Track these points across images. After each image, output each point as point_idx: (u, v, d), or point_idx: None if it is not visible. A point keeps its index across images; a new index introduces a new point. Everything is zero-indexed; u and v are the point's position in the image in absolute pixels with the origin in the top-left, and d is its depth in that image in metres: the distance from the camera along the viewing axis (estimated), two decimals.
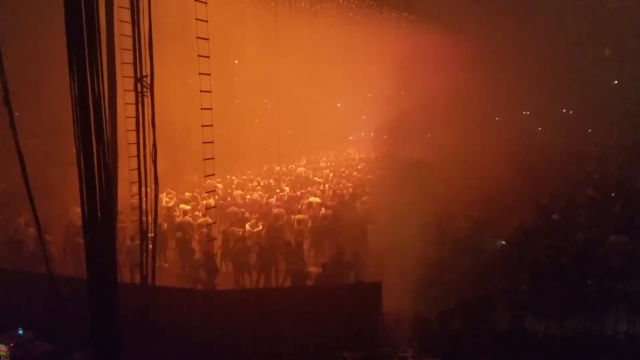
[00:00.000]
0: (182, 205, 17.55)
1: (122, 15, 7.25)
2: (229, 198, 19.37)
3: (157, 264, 8.30)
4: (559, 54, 36.24)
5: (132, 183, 7.78)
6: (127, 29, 6.83)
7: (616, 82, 40.07)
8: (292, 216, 16.64)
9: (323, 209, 16.98)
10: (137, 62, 6.73)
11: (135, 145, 6.96)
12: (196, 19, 10.26)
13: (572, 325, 9.83)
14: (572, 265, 10.69)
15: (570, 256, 11.22)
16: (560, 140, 33.30)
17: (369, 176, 24.62)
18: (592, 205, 15.66)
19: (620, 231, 12.00)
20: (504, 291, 10.49)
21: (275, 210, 17.22)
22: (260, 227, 15.33)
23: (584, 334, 9.58)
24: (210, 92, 10.60)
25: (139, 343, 7.18)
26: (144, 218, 7.33)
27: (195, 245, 14.57)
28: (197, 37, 10.38)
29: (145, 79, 6.76)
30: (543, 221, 14.42)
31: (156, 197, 7.19)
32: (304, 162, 32.26)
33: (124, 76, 7.68)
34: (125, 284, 9.47)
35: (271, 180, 24.02)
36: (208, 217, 15.42)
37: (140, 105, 6.79)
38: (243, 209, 17.26)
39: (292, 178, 25.22)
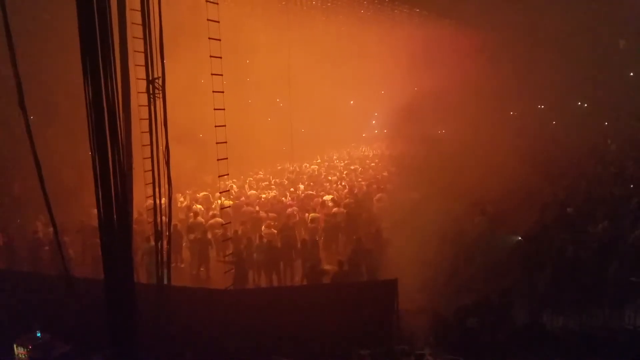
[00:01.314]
0: (195, 206, 17.64)
1: (134, 17, 7.28)
2: (243, 198, 19.43)
3: (172, 265, 8.35)
4: (573, 46, 35.80)
5: (147, 184, 7.83)
6: (140, 31, 6.86)
7: (632, 74, 39.47)
8: (306, 214, 16.65)
9: (335, 207, 16.95)
10: (148, 64, 6.76)
11: (149, 146, 7.00)
12: (208, 19, 10.29)
13: (590, 320, 9.72)
14: (590, 260, 10.57)
15: (589, 250, 11.09)
16: (576, 133, 32.92)
17: (383, 173, 24.57)
18: (611, 199, 15.46)
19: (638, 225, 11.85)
20: (522, 287, 10.40)
21: (288, 210, 17.26)
22: (274, 231, 15.30)
23: (603, 329, 9.47)
24: (223, 92, 10.64)
25: (156, 343, 7.22)
26: (158, 219, 7.36)
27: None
28: (209, 38, 10.41)
29: (157, 80, 6.79)
30: (560, 216, 14.27)
31: (170, 198, 7.22)
32: (318, 160, 32.25)
33: (137, 78, 7.73)
34: (141, 285, 9.54)
35: (285, 180, 24.05)
36: (219, 218, 15.50)
37: (152, 107, 6.82)
38: (257, 208, 17.31)
39: (305, 177, 25.22)
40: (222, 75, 10.44)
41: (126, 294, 5.91)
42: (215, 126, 10.53)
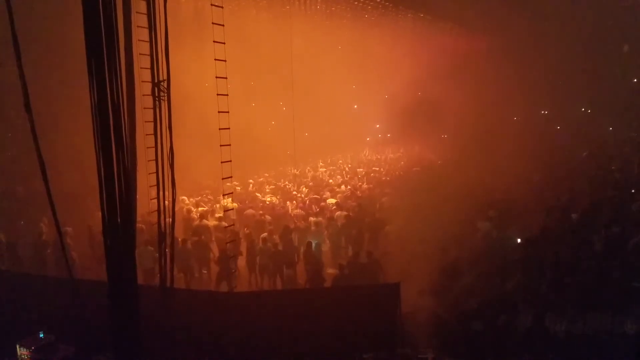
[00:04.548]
0: (197, 209, 17.63)
1: (139, 20, 7.32)
2: (247, 201, 19.45)
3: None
4: (576, 52, 35.77)
5: (151, 187, 7.86)
6: (145, 34, 6.91)
7: (635, 80, 39.35)
8: (310, 218, 16.65)
9: (338, 210, 16.95)
10: (154, 67, 6.80)
11: (154, 149, 7.04)
12: (212, 23, 10.35)
13: (594, 324, 9.68)
14: (593, 264, 10.54)
15: (592, 255, 11.06)
16: (580, 138, 32.86)
17: (384, 177, 24.55)
18: (613, 204, 15.42)
19: None
20: (525, 290, 10.37)
21: (293, 212, 17.28)
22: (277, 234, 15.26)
23: (606, 333, 9.43)
24: (227, 95, 10.69)
25: (159, 345, 7.23)
26: (162, 221, 7.39)
27: (213, 248, 14.65)
28: (214, 42, 10.46)
29: (162, 83, 6.83)
30: (563, 220, 14.25)
31: (174, 200, 7.25)
32: (322, 163, 32.24)
33: (142, 81, 7.76)
34: (144, 287, 9.56)
35: (287, 183, 24.04)
36: (223, 222, 15.50)
37: (157, 110, 6.86)
38: (261, 212, 17.32)
39: (309, 181, 25.21)
40: (226, 78, 10.48)
41: (129, 296, 5.93)
42: (220, 129, 10.58)
